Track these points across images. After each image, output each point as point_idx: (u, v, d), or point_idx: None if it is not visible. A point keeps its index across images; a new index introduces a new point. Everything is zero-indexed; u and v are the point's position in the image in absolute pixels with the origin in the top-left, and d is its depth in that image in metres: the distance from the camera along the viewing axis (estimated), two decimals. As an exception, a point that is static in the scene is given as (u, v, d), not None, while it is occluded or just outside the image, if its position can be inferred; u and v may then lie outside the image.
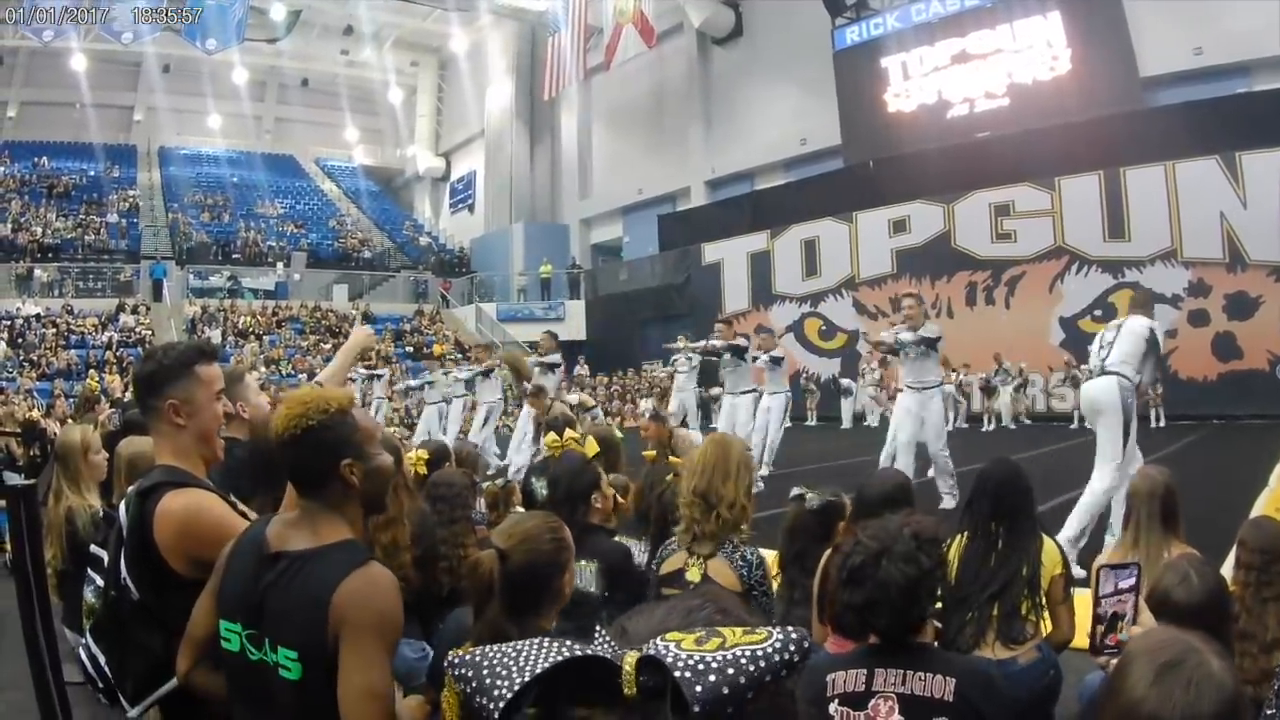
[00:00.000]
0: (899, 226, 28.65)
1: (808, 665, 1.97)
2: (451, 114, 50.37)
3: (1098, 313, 23.85)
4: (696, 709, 0.79)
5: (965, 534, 4.18)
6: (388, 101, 50.79)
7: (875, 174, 29.19)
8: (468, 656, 0.98)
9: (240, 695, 2.34)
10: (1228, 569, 3.82)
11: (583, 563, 3.55)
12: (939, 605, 3.03)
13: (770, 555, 4.32)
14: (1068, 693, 4.06)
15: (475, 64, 46.16)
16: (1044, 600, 4.04)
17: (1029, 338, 23.91)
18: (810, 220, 30.67)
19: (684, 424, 16.36)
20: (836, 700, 2.65)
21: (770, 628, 0.93)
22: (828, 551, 3.86)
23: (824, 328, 30.52)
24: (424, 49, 49.28)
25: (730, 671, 0.82)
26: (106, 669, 2.72)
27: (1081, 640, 3.35)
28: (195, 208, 43.38)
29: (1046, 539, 4.21)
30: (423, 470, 5.15)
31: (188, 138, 48.30)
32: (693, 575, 3.75)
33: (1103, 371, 7.83)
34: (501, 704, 0.87)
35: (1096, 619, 2.37)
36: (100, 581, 2.93)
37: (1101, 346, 8.01)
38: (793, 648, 0.88)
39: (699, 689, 0.80)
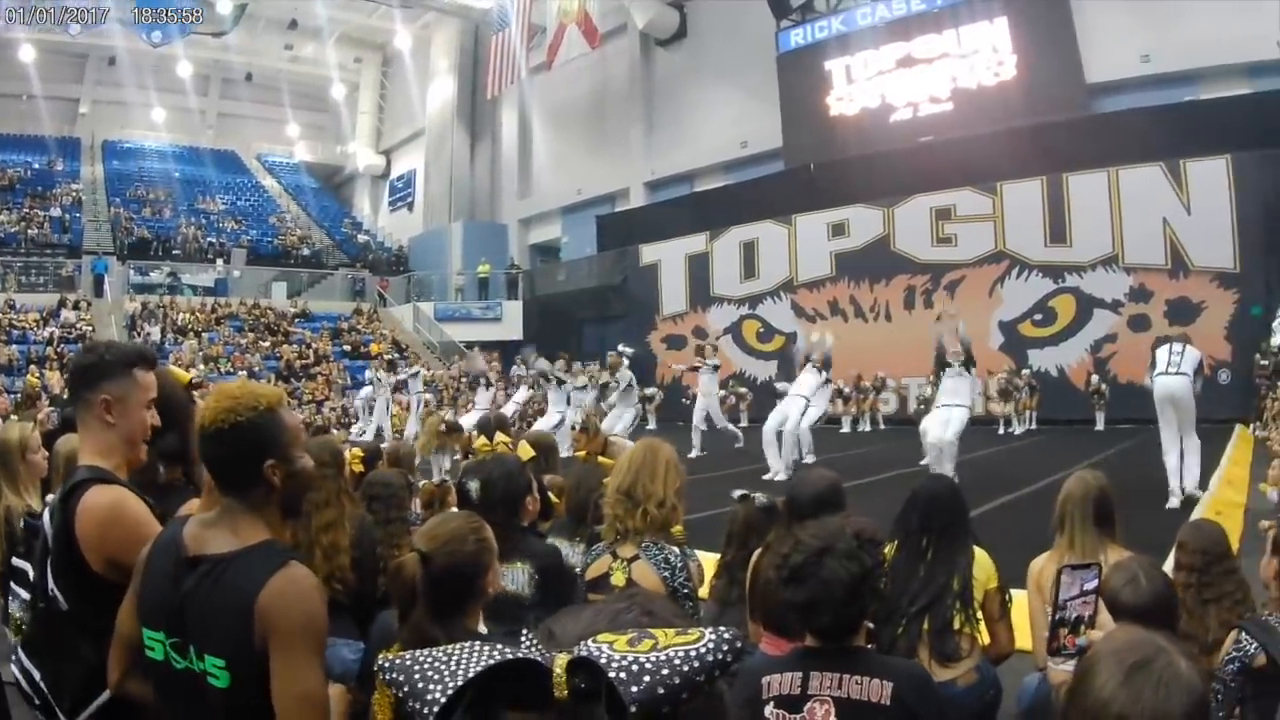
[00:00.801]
0: (838, 230, 28.14)
1: (743, 667, 2.32)
2: (393, 111, 49.71)
3: (1038, 317, 23.85)
4: (633, 709, 0.76)
5: (894, 545, 4.07)
6: (330, 98, 49.89)
7: (815, 177, 28.71)
8: (399, 660, 0.90)
9: (169, 704, 2.27)
10: (1167, 571, 3.54)
11: (518, 564, 3.71)
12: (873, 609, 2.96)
13: (708, 558, 4.30)
14: (1006, 695, 4.03)
15: (418, 61, 45.26)
16: (979, 614, 3.94)
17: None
18: (749, 222, 30.12)
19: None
20: (772, 703, 2.64)
21: (702, 629, 0.87)
22: (758, 551, 3.87)
23: (762, 330, 29.96)
24: (368, 45, 48.45)
25: (664, 672, 0.79)
26: (41, 684, 2.66)
27: (1024, 645, 3.89)
28: (137, 202, 42.02)
29: (980, 552, 4.08)
30: (358, 469, 5.11)
31: (131, 131, 47.15)
32: (617, 580, 3.64)
33: (1177, 372, 10.68)
34: (435, 708, 0.81)
35: (1059, 622, 2.36)
36: (25, 595, 2.97)
37: (1172, 354, 10.84)
38: (725, 648, 0.83)
39: (635, 689, 0.77)
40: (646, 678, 0.78)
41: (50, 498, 2.82)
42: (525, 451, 4.61)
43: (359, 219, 50.31)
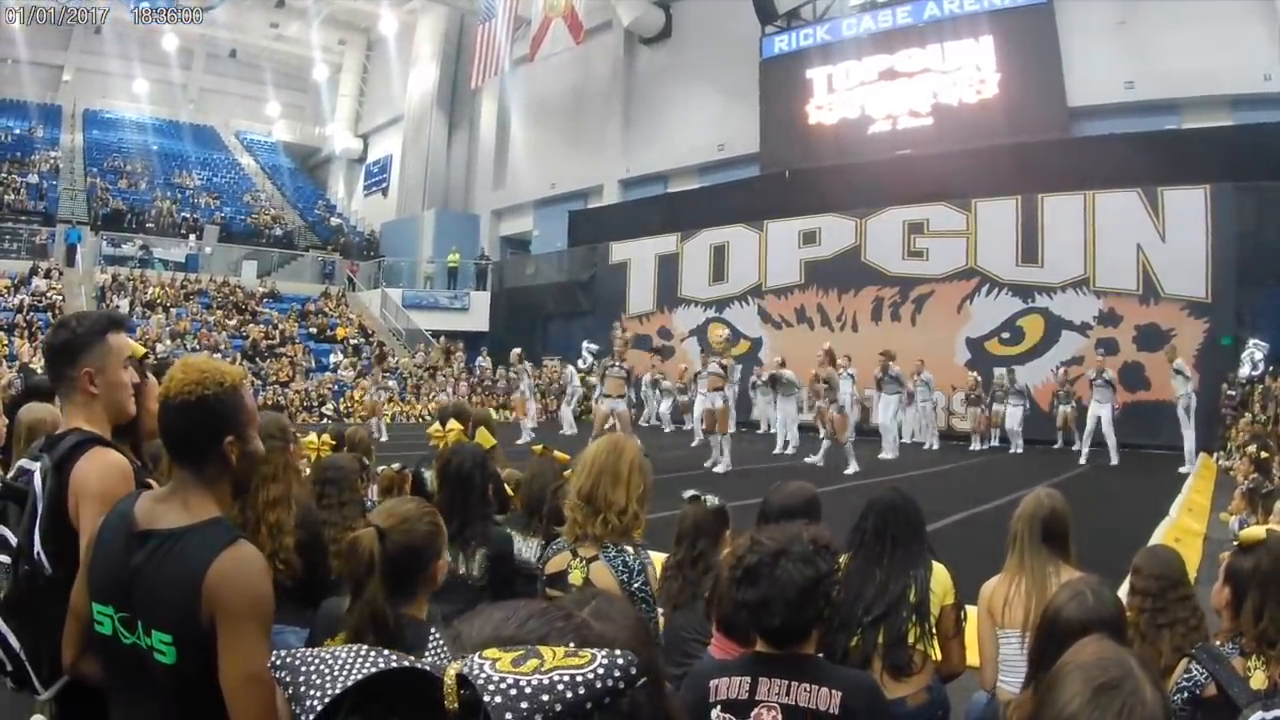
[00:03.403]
0: (809, 238, 27.20)
1: (691, 670, 2.57)
2: (373, 95, 48.66)
3: (1005, 335, 23.15)
4: None
5: (850, 553, 3.85)
6: (312, 79, 48.83)
7: (790, 184, 27.81)
8: (288, 659, 0.87)
9: (116, 680, 2.24)
10: (1121, 596, 3.44)
11: (475, 548, 3.90)
12: (825, 615, 2.85)
13: (658, 557, 4.09)
14: (954, 713, 3.95)
15: (402, 47, 44.16)
16: (934, 629, 3.76)
17: (934, 356, 22.41)
18: (721, 226, 29.21)
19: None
20: (719, 707, 2.59)
21: (595, 650, 0.84)
22: (725, 552, 3.68)
23: (728, 334, 28.69)
24: (353, 28, 47.47)
25: (544, 698, 0.76)
26: (19, 650, 2.59)
27: (974, 661, 3.96)
28: (114, 173, 40.99)
29: (938, 567, 3.88)
30: (326, 454, 4.97)
31: (113, 101, 46.06)
32: (575, 578, 3.49)
33: None
34: (312, 715, 0.80)
35: None
36: (5, 558, 2.75)
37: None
38: (617, 673, 0.80)
39: (508, 715, 0.75)
40: (525, 703, 0.75)
41: (44, 460, 2.67)
42: (485, 439, 4.69)
43: (333, 202, 49.17)
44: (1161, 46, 22.36)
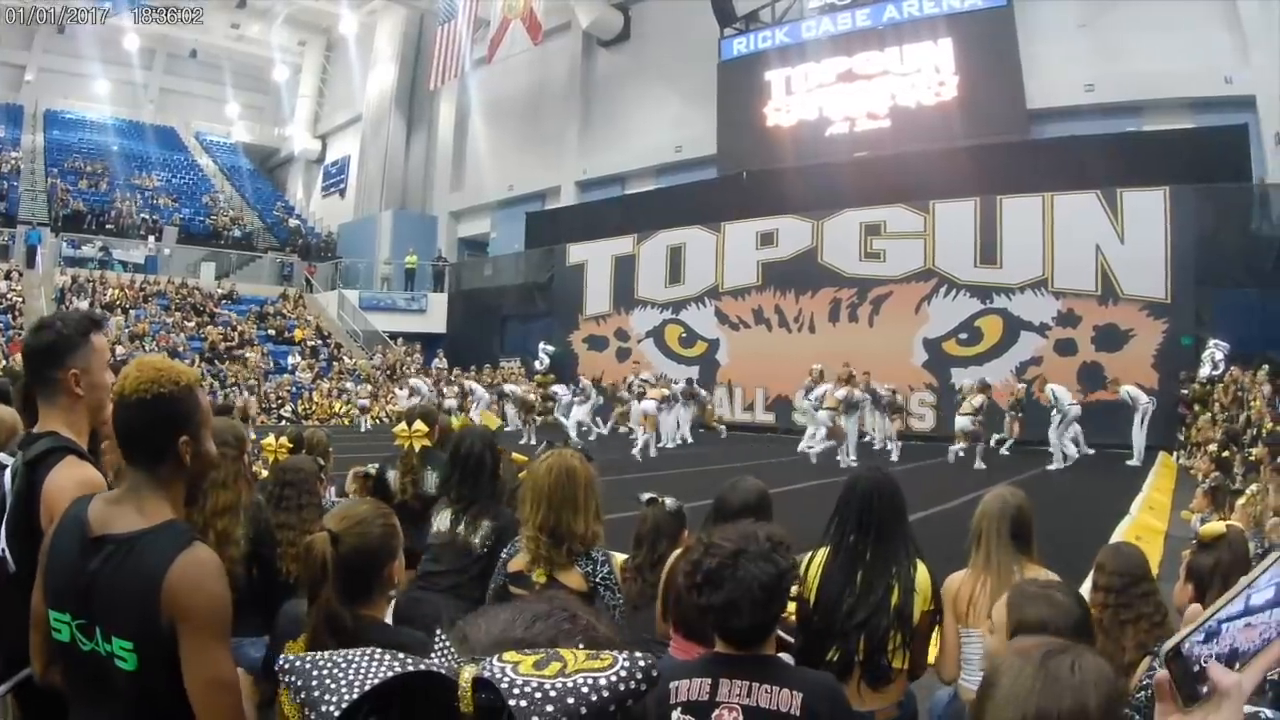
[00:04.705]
0: (767, 239, 26.60)
1: None
2: (333, 96, 47.69)
3: (963, 336, 22.62)
4: None
5: (827, 549, 3.66)
6: (272, 79, 47.92)
7: (747, 185, 27.23)
8: (298, 663, 0.86)
9: (76, 687, 2.19)
10: (1085, 593, 3.33)
11: (483, 521, 4.09)
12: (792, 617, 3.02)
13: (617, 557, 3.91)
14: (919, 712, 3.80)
15: (362, 48, 43.30)
16: (912, 636, 3.58)
17: (892, 357, 21.93)
18: (678, 227, 28.51)
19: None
20: (680, 709, 2.50)
21: (616, 653, 0.84)
22: (675, 554, 3.76)
23: (684, 335, 28.33)
24: (313, 28, 46.55)
25: (570, 700, 0.75)
26: None
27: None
28: (75, 174, 40.06)
29: (921, 567, 3.62)
30: (284, 458, 4.90)
31: (74, 102, 45.15)
32: (539, 577, 3.35)
33: None
34: (332, 714, 0.79)
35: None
36: None
37: None
38: (640, 675, 0.80)
39: (535, 719, 0.74)
40: (550, 706, 0.74)
41: (16, 459, 2.59)
42: (490, 421, 5.18)
43: (291, 203, 48.17)
44: (1123, 49, 22.13)
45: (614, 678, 0.76)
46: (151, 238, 36.93)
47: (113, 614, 2.03)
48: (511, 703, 0.73)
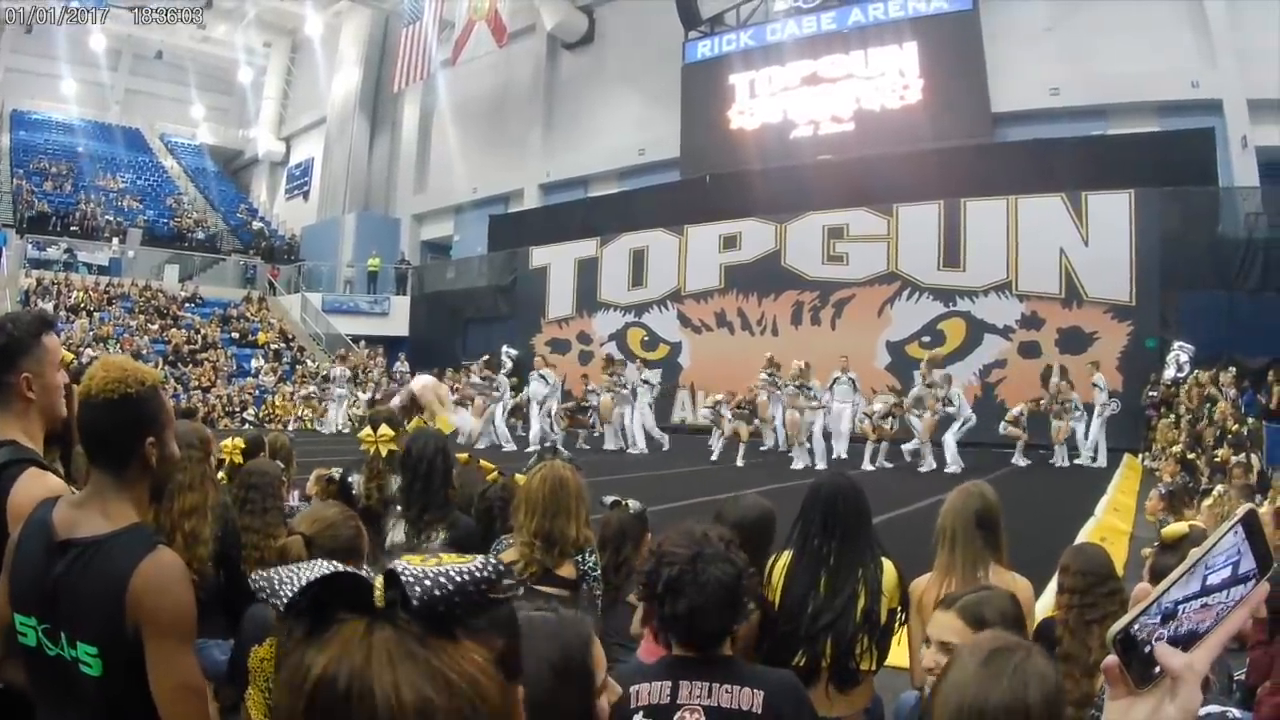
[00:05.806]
0: (730, 242, 26.00)
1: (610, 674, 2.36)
2: (297, 98, 46.63)
3: (926, 339, 22.01)
4: (415, 603, 0.91)
5: (790, 552, 3.62)
6: (237, 81, 46.88)
7: (710, 188, 26.66)
8: (268, 573, 0.99)
9: (42, 692, 2.13)
10: (1050, 594, 3.78)
11: (438, 529, 4.03)
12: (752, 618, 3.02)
13: None
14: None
15: (327, 49, 42.31)
16: (880, 637, 3.56)
17: (854, 360, 21.25)
18: (641, 230, 27.88)
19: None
20: (641, 713, 2.47)
21: (478, 555, 1.01)
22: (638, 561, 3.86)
23: (646, 338, 27.63)
24: (278, 30, 45.45)
25: (441, 579, 0.93)
26: None
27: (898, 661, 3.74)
28: (40, 175, 39.13)
29: (888, 566, 3.61)
30: (238, 460, 4.70)
31: (40, 102, 44.01)
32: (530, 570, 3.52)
33: None
34: (286, 599, 0.93)
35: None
36: None
37: None
38: (489, 568, 0.96)
39: (418, 589, 0.91)
40: (427, 580, 0.91)
41: None
42: (445, 426, 5.54)
43: (255, 205, 47.12)
44: (1089, 53, 21.90)
45: (473, 566, 0.92)
46: (116, 240, 36.08)
47: (77, 619, 2.00)
48: (402, 578, 0.88)
